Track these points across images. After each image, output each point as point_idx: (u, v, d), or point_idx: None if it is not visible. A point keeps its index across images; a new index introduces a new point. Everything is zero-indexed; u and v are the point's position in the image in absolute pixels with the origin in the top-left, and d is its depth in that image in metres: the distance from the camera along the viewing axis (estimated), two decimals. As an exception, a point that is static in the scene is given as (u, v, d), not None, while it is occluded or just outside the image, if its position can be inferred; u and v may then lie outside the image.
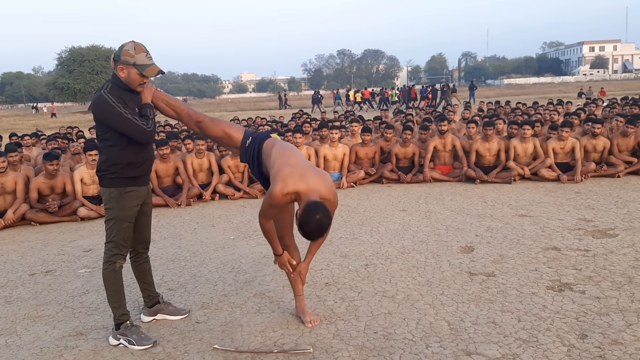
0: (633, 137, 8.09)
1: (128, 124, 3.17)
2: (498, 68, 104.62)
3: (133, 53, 3.17)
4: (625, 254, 4.51)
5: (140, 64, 3.19)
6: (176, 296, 4.13)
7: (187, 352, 3.23)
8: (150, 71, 3.23)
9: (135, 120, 3.19)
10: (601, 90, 30.93)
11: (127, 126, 3.18)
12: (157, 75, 3.30)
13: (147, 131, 3.22)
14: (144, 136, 3.22)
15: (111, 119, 3.18)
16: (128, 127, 3.18)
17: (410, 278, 4.23)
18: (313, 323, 3.47)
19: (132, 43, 3.20)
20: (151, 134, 3.26)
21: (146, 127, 3.22)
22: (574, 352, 2.98)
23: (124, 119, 3.16)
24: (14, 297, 4.32)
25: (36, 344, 3.44)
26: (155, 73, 3.26)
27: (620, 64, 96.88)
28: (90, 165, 7.05)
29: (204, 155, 7.89)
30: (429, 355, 3.03)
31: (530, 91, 47.86)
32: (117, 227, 3.32)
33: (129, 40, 3.22)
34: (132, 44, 3.20)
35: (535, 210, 6.15)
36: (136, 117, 3.21)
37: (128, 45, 3.19)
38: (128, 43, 3.21)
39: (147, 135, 3.23)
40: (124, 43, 3.21)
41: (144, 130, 3.21)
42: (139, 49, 3.19)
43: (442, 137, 8.36)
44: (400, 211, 6.51)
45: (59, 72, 54.04)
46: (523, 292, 3.83)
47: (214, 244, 5.51)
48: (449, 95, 31.57)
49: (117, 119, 3.16)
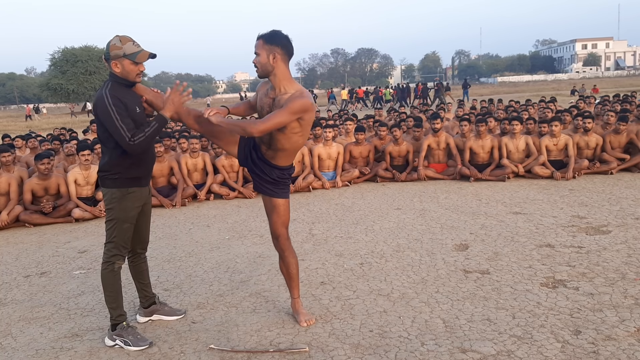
0: (625, 134, 8.15)
1: (116, 131, 3.15)
2: (491, 66, 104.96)
3: (120, 45, 3.19)
4: (619, 251, 4.55)
5: (130, 52, 3.20)
6: (172, 296, 4.13)
7: (183, 352, 3.24)
8: (141, 57, 3.23)
9: (123, 129, 3.15)
10: (594, 88, 31.09)
11: (116, 135, 3.17)
12: (149, 59, 3.28)
13: (130, 144, 3.17)
14: (127, 147, 3.19)
15: (106, 122, 3.18)
16: (116, 136, 3.16)
17: (405, 276, 4.25)
18: (308, 323, 3.48)
19: (116, 37, 3.22)
20: (136, 147, 3.19)
21: (129, 139, 3.16)
22: (568, 348, 3.00)
23: (114, 125, 3.14)
24: (9, 299, 4.31)
25: (31, 346, 3.44)
26: (147, 57, 3.26)
27: (613, 62, 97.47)
28: (83, 166, 7.03)
29: (198, 155, 7.88)
30: (424, 352, 3.05)
31: (524, 89, 48.08)
32: (118, 227, 3.32)
33: (114, 36, 3.23)
34: (116, 37, 3.21)
35: (529, 208, 6.18)
36: (124, 125, 3.15)
37: (114, 40, 3.21)
38: (113, 38, 3.23)
39: (130, 147, 3.18)
40: (109, 40, 3.23)
41: (127, 143, 3.16)
42: (124, 39, 3.21)
43: (436, 136, 8.38)
44: (395, 210, 6.53)
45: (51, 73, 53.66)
46: (517, 289, 3.85)
47: (209, 244, 5.51)
48: (443, 94, 31.66)
49: (110, 123, 3.15)
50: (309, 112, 3.17)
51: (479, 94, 37.71)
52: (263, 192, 3.48)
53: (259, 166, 3.40)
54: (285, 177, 3.44)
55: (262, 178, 3.41)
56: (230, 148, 3.54)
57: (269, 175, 3.38)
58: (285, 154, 3.33)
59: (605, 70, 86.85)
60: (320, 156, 8.25)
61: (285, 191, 3.47)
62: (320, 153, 8.24)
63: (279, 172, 3.39)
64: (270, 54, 3.14)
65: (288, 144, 3.27)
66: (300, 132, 3.23)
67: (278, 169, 3.38)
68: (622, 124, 8.11)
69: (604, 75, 75.78)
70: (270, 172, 3.38)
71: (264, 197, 3.50)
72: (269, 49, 3.14)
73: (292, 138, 3.25)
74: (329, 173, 8.29)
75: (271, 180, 3.39)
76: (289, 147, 3.29)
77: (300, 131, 3.24)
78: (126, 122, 3.17)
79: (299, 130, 3.22)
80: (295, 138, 3.26)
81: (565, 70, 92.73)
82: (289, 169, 3.44)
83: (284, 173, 3.41)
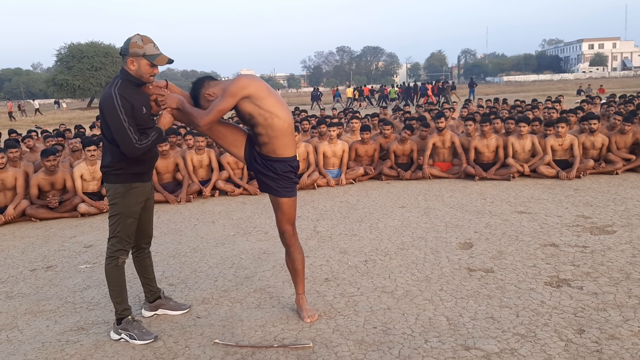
0: (631, 134, 8.12)
1: (122, 133, 3.15)
2: (497, 65, 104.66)
3: (141, 44, 3.19)
4: (623, 251, 4.54)
5: (150, 54, 3.21)
6: (177, 291, 4.15)
7: (188, 346, 3.26)
8: (160, 60, 3.24)
9: (130, 131, 3.16)
10: (600, 88, 30.95)
11: (120, 135, 3.16)
12: (166, 64, 3.31)
13: (136, 147, 3.18)
14: (131, 150, 3.19)
15: (111, 122, 3.17)
16: (121, 136, 3.16)
17: (410, 274, 4.26)
18: (312, 319, 3.49)
19: (138, 35, 3.21)
20: (139, 151, 3.21)
21: (136, 142, 3.18)
22: (572, 347, 3.00)
23: (121, 127, 3.14)
24: (15, 293, 4.34)
25: (38, 339, 3.47)
26: (165, 62, 3.27)
27: (620, 62, 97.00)
28: (89, 161, 7.06)
29: (204, 151, 7.90)
30: (427, 350, 3.06)
31: (530, 88, 47.92)
32: (122, 222, 3.34)
33: (135, 34, 3.23)
34: (138, 36, 3.21)
35: (533, 207, 6.17)
36: (131, 127, 3.16)
37: (135, 38, 3.21)
38: (134, 36, 3.22)
39: (134, 150, 3.19)
40: (130, 37, 3.22)
41: (133, 145, 3.17)
42: (146, 40, 3.21)
43: (441, 134, 8.38)
44: (400, 208, 6.54)
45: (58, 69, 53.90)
46: (521, 288, 3.86)
47: (214, 240, 5.53)
48: (449, 93, 31.57)
49: (116, 124, 3.15)
50: (247, 87, 3.19)
51: (484, 93, 37.62)
52: (267, 191, 3.47)
53: (260, 163, 3.40)
54: (289, 171, 3.38)
55: (266, 175, 3.40)
56: (235, 150, 3.51)
57: (272, 171, 3.35)
58: (275, 142, 3.29)
59: (611, 71, 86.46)
60: (325, 154, 8.26)
61: (290, 189, 3.43)
62: (325, 151, 8.25)
63: (282, 164, 3.35)
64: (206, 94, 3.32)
65: (271, 131, 3.26)
66: (270, 115, 3.22)
67: (278, 162, 3.34)
68: (627, 124, 8.08)
69: (610, 75, 75.43)
70: (272, 166, 3.35)
71: (269, 195, 3.50)
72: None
73: (270, 125, 3.24)
74: (334, 171, 8.30)
75: (275, 176, 3.36)
76: (273, 134, 3.27)
77: (270, 114, 3.22)
78: (133, 124, 3.18)
79: (267, 114, 3.22)
80: (274, 123, 3.24)
81: (572, 70, 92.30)
82: (291, 161, 3.38)
83: (286, 165, 3.36)
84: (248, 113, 3.23)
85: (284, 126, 3.28)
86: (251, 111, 3.22)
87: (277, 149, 3.32)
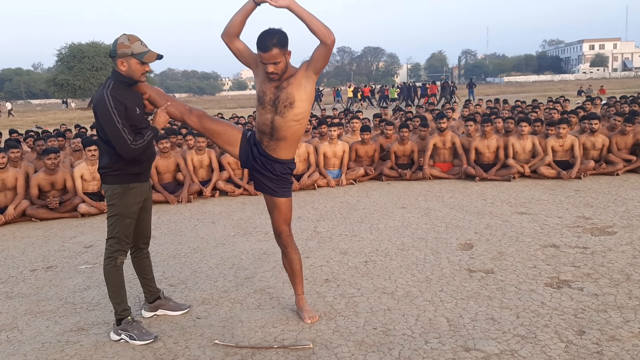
0: (631, 135, 8.11)
1: (117, 135, 3.16)
2: (498, 66, 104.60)
3: (129, 44, 3.20)
4: (624, 252, 4.54)
5: (138, 52, 3.21)
6: (177, 292, 4.15)
7: (188, 347, 3.26)
8: (149, 57, 3.25)
9: (125, 133, 3.17)
10: (601, 89, 30.92)
11: (115, 137, 3.17)
12: (155, 60, 3.30)
13: (131, 148, 3.19)
14: (127, 151, 3.20)
15: (105, 125, 3.18)
16: (116, 138, 3.17)
17: (410, 275, 4.25)
18: (312, 319, 3.49)
19: (124, 35, 3.23)
20: (135, 151, 3.22)
21: (131, 143, 3.18)
22: (572, 348, 3.00)
23: (115, 129, 3.15)
24: (15, 293, 4.34)
25: (37, 339, 3.46)
26: (154, 58, 3.27)
27: (620, 62, 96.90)
28: (90, 161, 7.06)
29: (204, 151, 7.90)
30: (427, 351, 3.06)
31: (530, 89, 47.91)
32: (120, 223, 3.34)
33: (121, 34, 3.24)
34: (124, 36, 3.23)
35: (534, 208, 6.17)
36: (125, 129, 3.17)
37: (121, 38, 3.22)
38: (121, 36, 3.24)
39: (130, 151, 3.20)
40: (116, 38, 3.24)
41: (128, 146, 3.18)
42: (132, 39, 3.22)
43: (442, 135, 8.38)
44: (400, 208, 6.53)
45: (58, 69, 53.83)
46: (522, 289, 3.85)
47: (214, 241, 5.53)
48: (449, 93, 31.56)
49: (110, 126, 3.16)
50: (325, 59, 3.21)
51: (485, 93, 37.59)
52: (264, 191, 3.47)
53: (260, 162, 3.39)
54: (287, 173, 3.42)
55: (264, 175, 3.40)
56: (230, 148, 3.49)
57: (271, 171, 3.36)
58: (286, 144, 3.32)
59: (612, 71, 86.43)
60: (325, 154, 8.26)
61: (286, 189, 3.46)
62: (325, 151, 8.25)
63: (281, 166, 3.37)
64: (287, 56, 3.18)
65: (289, 133, 3.29)
66: (307, 115, 3.32)
67: (279, 163, 3.36)
68: (628, 125, 8.08)
69: (611, 76, 75.42)
70: (272, 166, 3.36)
71: (265, 195, 3.50)
72: (284, 52, 3.16)
73: (293, 127, 3.28)
74: (334, 171, 8.30)
75: (273, 176, 3.38)
76: (289, 135, 3.30)
77: (308, 114, 3.32)
78: (127, 125, 3.19)
79: (307, 113, 3.30)
80: (295, 127, 3.29)
81: (572, 71, 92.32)
82: (290, 163, 3.43)
83: (285, 167, 3.39)
84: (308, 95, 3.25)
85: (299, 134, 3.37)
86: (310, 99, 3.27)
87: (283, 151, 3.35)
